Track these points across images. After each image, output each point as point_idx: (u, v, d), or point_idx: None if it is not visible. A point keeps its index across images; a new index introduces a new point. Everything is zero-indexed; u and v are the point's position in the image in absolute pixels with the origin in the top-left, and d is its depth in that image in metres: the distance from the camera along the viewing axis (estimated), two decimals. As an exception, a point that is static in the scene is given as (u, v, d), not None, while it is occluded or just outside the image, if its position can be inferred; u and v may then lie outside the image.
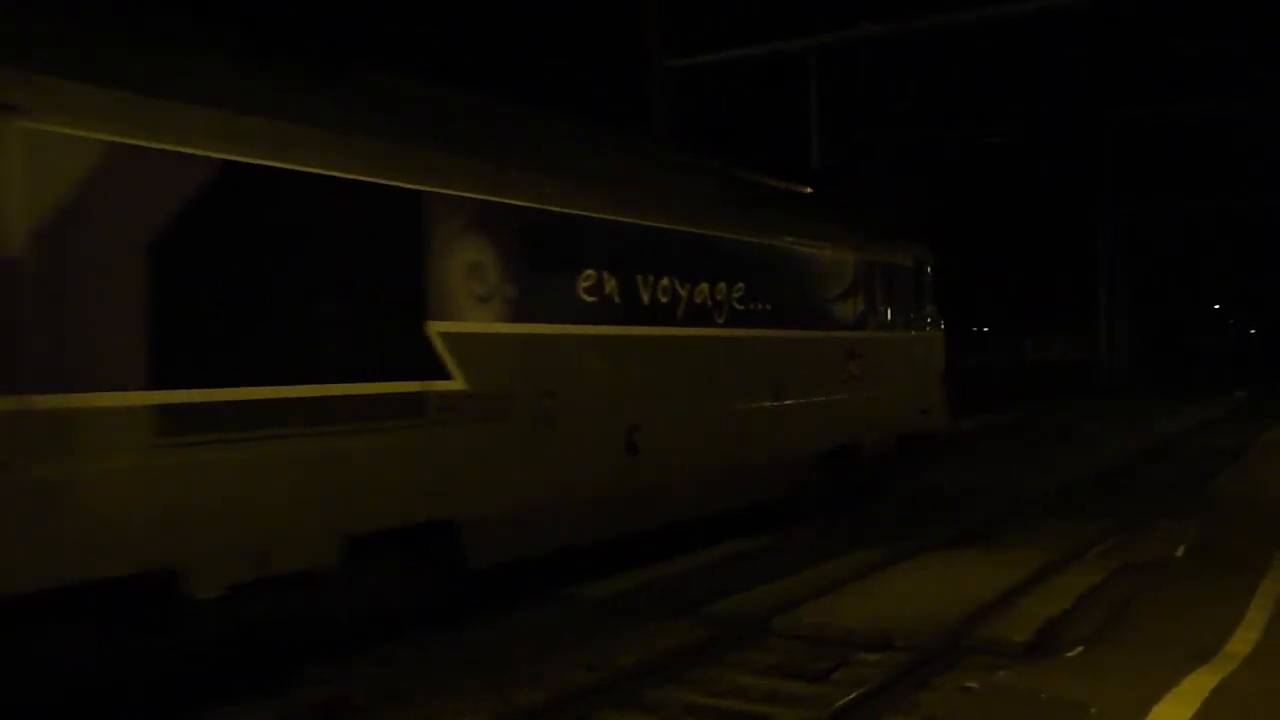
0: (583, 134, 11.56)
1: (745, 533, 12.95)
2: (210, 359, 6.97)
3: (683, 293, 11.31)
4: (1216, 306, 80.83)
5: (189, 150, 6.88)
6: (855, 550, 12.01)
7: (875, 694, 7.38)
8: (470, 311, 8.84)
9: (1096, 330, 47.91)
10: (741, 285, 12.20)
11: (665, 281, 11.03)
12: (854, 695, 7.29)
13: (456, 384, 8.63)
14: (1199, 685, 6.80)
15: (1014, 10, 18.96)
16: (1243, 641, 7.84)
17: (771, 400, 12.73)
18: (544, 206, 9.60)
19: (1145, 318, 54.63)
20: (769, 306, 12.71)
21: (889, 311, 15.50)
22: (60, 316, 6.19)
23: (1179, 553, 11.55)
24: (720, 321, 11.90)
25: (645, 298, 10.76)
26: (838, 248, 14.29)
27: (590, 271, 10.07)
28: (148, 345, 6.60)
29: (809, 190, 15.47)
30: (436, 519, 8.47)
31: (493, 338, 9.03)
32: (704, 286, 11.60)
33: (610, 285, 10.30)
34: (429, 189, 8.48)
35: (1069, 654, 8.04)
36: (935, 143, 31.58)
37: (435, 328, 8.51)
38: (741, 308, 12.23)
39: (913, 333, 16.21)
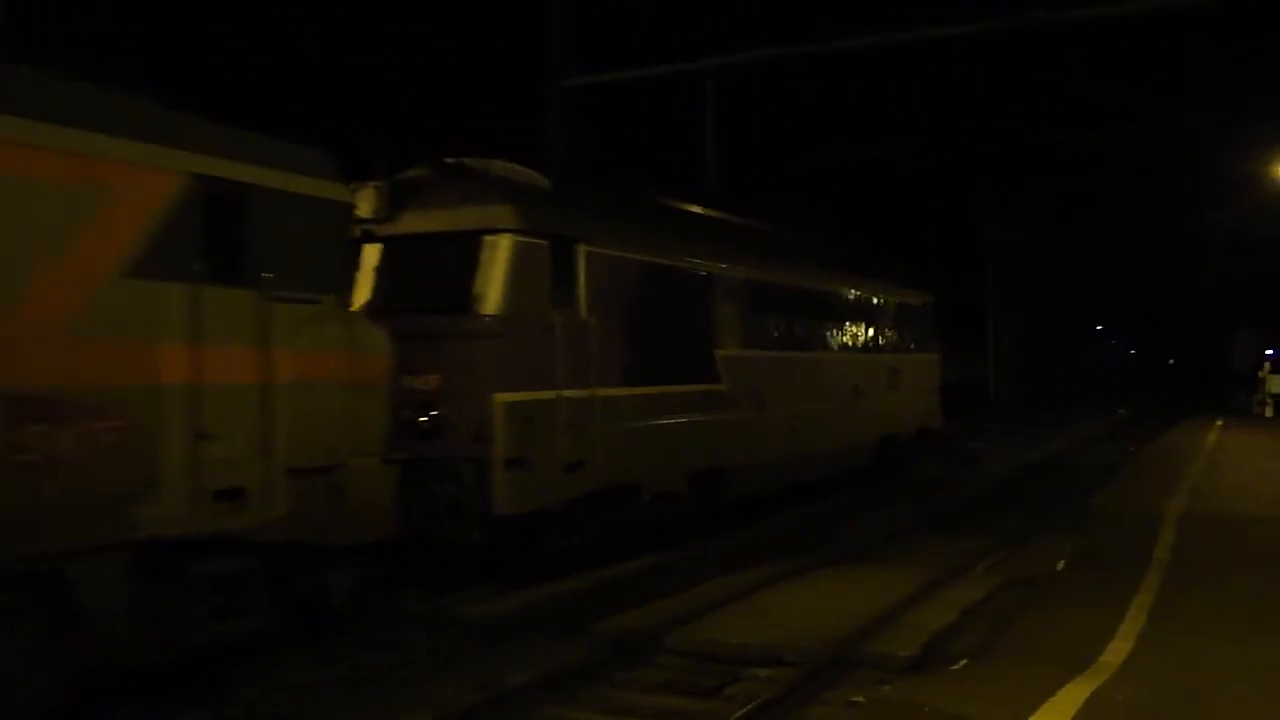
0: (753, 226, 17.31)
1: (655, 548, 12.97)
2: (642, 370, 12.52)
3: (812, 329, 17.11)
4: (1099, 328, 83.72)
5: (634, 256, 12.70)
6: (749, 566, 12.10)
7: (764, 709, 7.44)
8: (728, 342, 14.53)
9: (984, 351, 49.10)
10: (838, 321, 18.03)
11: (804, 321, 16.82)
12: (743, 711, 7.34)
13: (724, 386, 14.32)
14: (1073, 695, 7.00)
15: (907, 38, 19.38)
16: (1116, 652, 8.09)
17: (854, 402, 18.10)
18: (751, 276, 15.30)
19: (1032, 339, 56.17)
20: (852, 336, 18.50)
21: (911, 339, 21.09)
22: (601, 347, 11.77)
23: (1059, 567, 11.88)
24: (831, 347, 17.77)
25: (795, 332, 16.54)
26: (885, 293, 20.05)
27: (773, 316, 15.87)
28: (625, 363, 12.23)
29: (856, 245, 21.93)
30: (718, 467, 14.13)
31: (736, 357, 14.69)
32: (821, 323, 17.47)
33: (781, 324, 16.13)
34: (714, 270, 14.47)
35: (953, 667, 8.22)
36: (821, 165, 32.18)
37: (717, 353, 14.27)
38: (840, 338, 18.07)
39: (924, 355, 21.83)
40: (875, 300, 19.50)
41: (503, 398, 10.30)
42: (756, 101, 27.80)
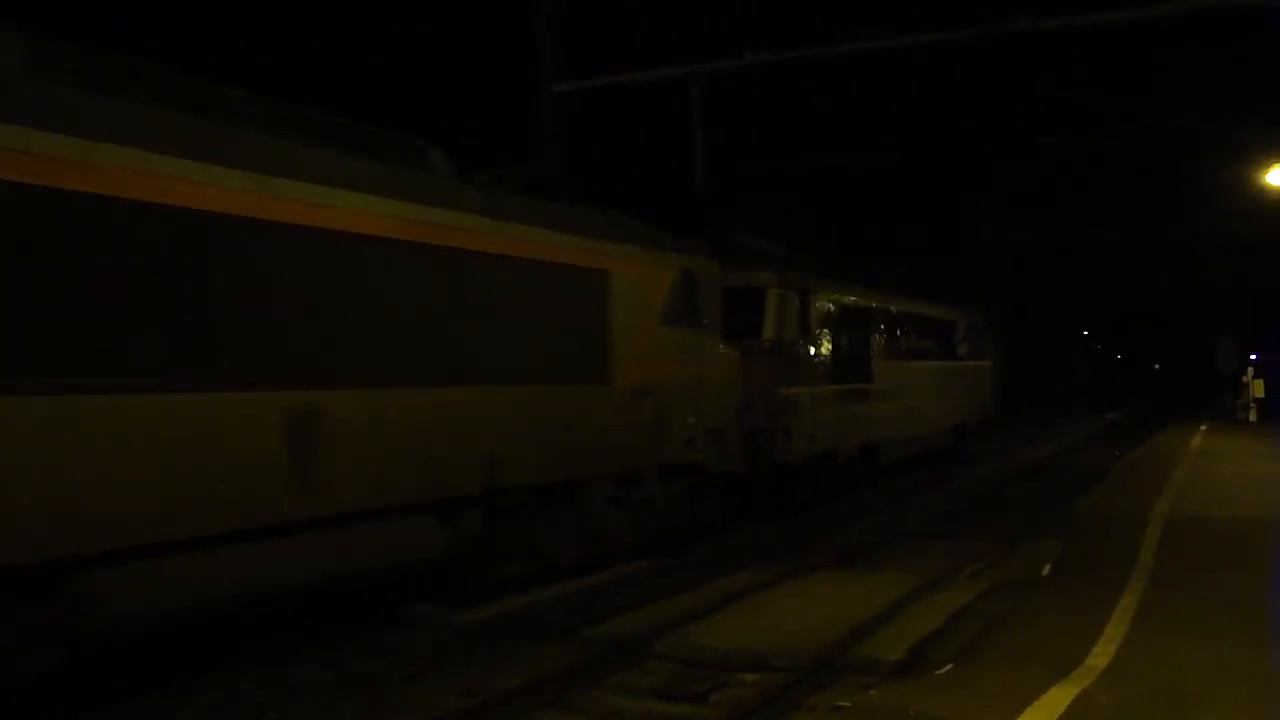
0: (887, 267, 24.40)
1: (638, 555, 13.01)
2: (839, 374, 17.93)
3: (919, 342, 22.97)
4: (1085, 333, 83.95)
5: (836, 299, 18.17)
6: (737, 571, 12.15)
7: (751, 714, 7.48)
8: (877, 354, 20.14)
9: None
10: (933, 336, 24.10)
11: (915, 336, 22.72)
12: (729, 716, 7.39)
13: (876, 385, 19.74)
14: (1058, 699, 7.05)
15: (895, 44, 19.42)
16: (1101, 655, 8.13)
17: (940, 397, 24.01)
18: (889, 307, 21.21)
19: (1019, 343, 56.29)
20: (940, 347, 24.65)
21: (975, 349, 27.46)
22: (820, 359, 17.46)
23: (1045, 570, 11.93)
24: (928, 356, 23.56)
25: (911, 345, 22.45)
26: (959, 315, 26.60)
27: (899, 334, 21.76)
28: (831, 369, 17.68)
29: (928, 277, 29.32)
30: (874, 441, 19.80)
31: (882, 364, 20.24)
32: (924, 338, 23.40)
33: (903, 340, 21.96)
34: (872, 305, 20.24)
35: (939, 671, 8.24)
36: (816, 168, 32.31)
37: (874, 361, 19.86)
38: (933, 348, 24.08)
39: (983, 362, 28.54)
40: (954, 321, 26.12)
41: (782, 391, 16.30)
42: (748, 106, 27.82)
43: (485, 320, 10.06)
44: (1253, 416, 37.57)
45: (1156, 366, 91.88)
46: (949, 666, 8.31)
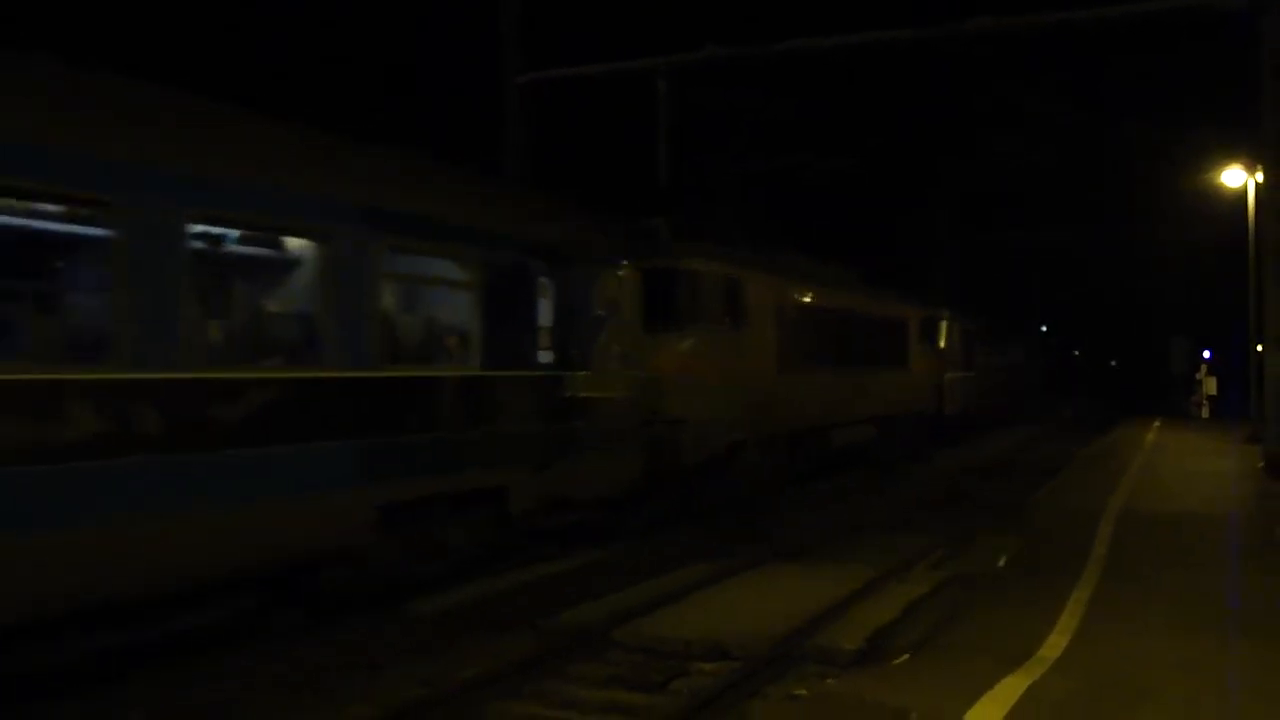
0: (969, 309, 37.70)
1: (593, 542, 13.05)
2: (965, 365, 32.17)
3: (988, 345, 36.69)
4: (1044, 329, 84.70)
5: (960, 325, 31.94)
6: (696, 562, 12.19)
7: (709, 703, 7.52)
8: (976, 357, 34.17)
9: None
10: (996, 345, 38.64)
11: (986, 342, 36.50)
12: (687, 705, 7.43)
13: (970, 374, 32.74)
14: (1011, 689, 7.15)
15: (854, 41, 19.54)
16: (1054, 647, 8.26)
17: (1002, 379, 39.40)
18: (977, 326, 34.66)
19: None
20: (1001, 352, 40.27)
21: (1014, 351, 41.40)
22: (958, 356, 31.38)
23: (1001, 564, 12.08)
24: (990, 357, 36.95)
25: (985, 348, 35.97)
26: (1006, 328, 41.52)
27: (982, 341, 35.14)
28: (961, 362, 31.87)
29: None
30: (975, 407, 33.68)
31: (978, 358, 34.41)
32: (988, 342, 36.92)
33: (982, 345, 35.27)
34: (974, 330, 33.92)
35: (895, 661, 8.33)
36: (776, 168, 32.41)
37: (976, 359, 34.09)
38: (992, 349, 37.69)
39: (1018, 360, 43.33)
40: (1004, 333, 39.91)
41: (946, 375, 28.76)
42: (708, 106, 27.87)
43: (872, 341, 22.43)
44: (1205, 414, 38.16)
45: (1112, 364, 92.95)
46: (905, 656, 8.40)
